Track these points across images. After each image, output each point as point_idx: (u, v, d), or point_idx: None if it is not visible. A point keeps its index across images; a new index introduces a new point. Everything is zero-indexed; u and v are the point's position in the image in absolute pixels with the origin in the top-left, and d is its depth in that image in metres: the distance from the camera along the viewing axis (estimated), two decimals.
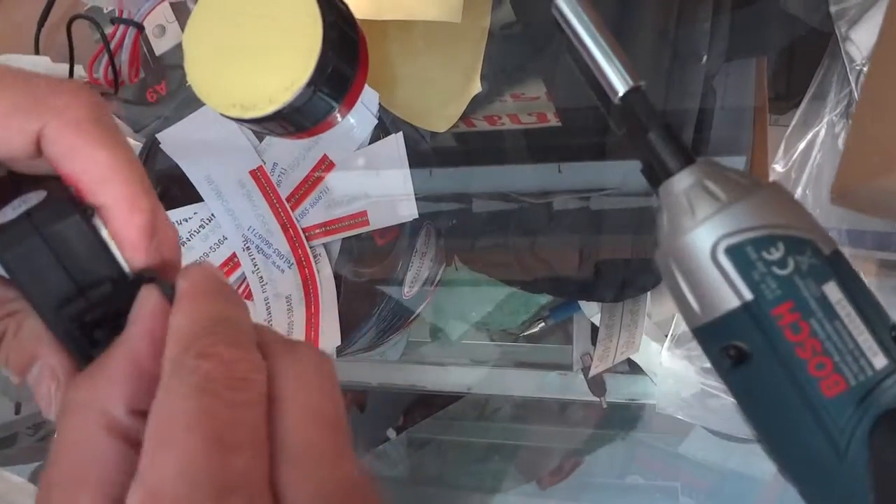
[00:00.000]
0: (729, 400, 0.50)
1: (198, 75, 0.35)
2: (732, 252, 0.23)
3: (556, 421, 0.77)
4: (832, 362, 0.22)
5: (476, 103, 0.51)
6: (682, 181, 0.25)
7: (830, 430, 0.22)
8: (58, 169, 0.20)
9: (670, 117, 0.44)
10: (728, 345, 0.24)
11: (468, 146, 0.55)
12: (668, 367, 0.47)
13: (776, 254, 0.23)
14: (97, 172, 0.20)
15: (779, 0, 0.45)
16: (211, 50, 0.34)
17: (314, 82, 0.34)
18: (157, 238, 0.21)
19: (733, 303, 0.23)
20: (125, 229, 0.21)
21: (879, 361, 0.22)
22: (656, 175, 0.26)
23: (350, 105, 0.42)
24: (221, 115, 0.36)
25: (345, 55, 0.37)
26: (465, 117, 0.52)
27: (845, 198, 0.30)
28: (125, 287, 0.20)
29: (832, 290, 0.22)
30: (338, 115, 0.42)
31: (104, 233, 0.20)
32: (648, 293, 0.45)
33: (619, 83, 0.27)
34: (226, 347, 0.19)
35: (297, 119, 0.37)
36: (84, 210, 0.20)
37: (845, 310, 0.22)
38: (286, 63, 0.33)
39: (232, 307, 0.20)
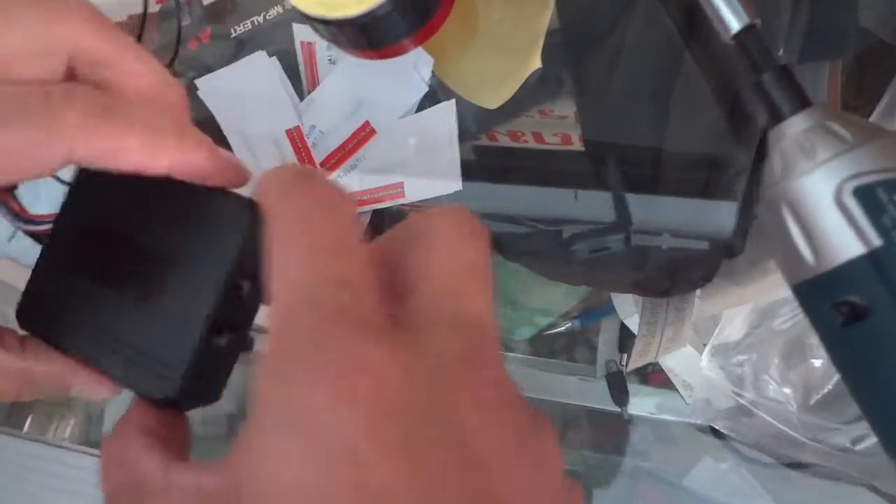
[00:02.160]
0: (762, 417, 0.48)
1: None
2: (861, 194, 0.21)
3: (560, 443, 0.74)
4: None
5: (502, 114, 0.49)
6: (798, 123, 0.23)
7: None
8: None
9: (741, 109, 0.43)
10: (842, 300, 0.21)
11: (486, 161, 0.53)
12: (707, 374, 0.45)
13: None
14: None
15: (855, 11, 0.44)
16: None
17: None
18: None
19: (857, 250, 0.21)
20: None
21: None
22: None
23: (423, 38, 0.40)
24: (303, 14, 0.34)
25: None
26: (488, 130, 0.51)
27: None
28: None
29: None
30: (411, 44, 0.40)
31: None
32: (698, 290, 0.43)
33: (734, 19, 0.25)
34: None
35: (375, 32, 0.36)
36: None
37: None
38: None
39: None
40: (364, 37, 0.37)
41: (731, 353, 0.46)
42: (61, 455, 0.46)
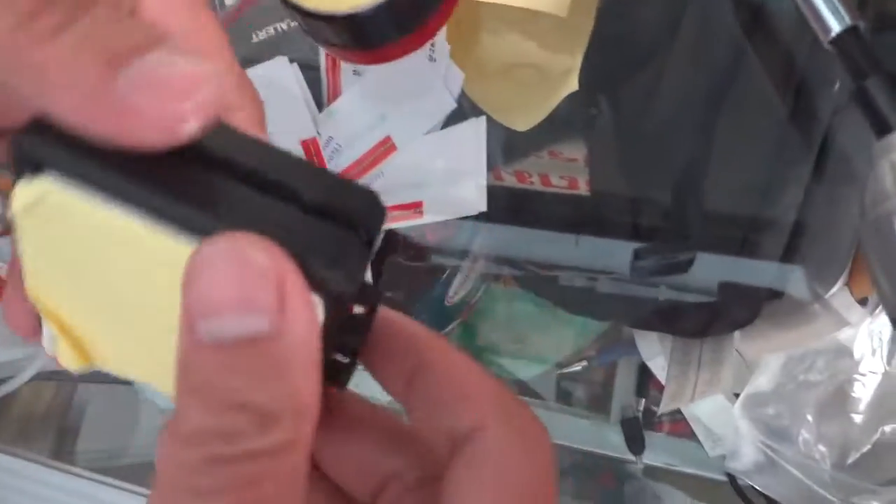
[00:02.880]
0: (792, 473, 0.45)
1: None
2: None
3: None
4: None
5: (512, 153, 0.48)
6: None
7: None
8: None
9: (790, 147, 0.41)
10: None
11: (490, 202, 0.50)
12: (738, 424, 0.42)
13: None
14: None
15: None
16: None
17: None
18: None
19: None
20: None
21: None
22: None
23: (417, 43, 0.38)
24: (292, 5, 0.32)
25: None
26: (495, 168, 0.49)
27: None
28: None
29: None
30: (399, 48, 0.38)
31: None
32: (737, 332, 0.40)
33: (834, 20, 0.23)
34: None
35: (366, 31, 0.34)
36: None
37: None
38: None
39: None
40: (354, 37, 0.35)
41: (763, 403, 0.43)
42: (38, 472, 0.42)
